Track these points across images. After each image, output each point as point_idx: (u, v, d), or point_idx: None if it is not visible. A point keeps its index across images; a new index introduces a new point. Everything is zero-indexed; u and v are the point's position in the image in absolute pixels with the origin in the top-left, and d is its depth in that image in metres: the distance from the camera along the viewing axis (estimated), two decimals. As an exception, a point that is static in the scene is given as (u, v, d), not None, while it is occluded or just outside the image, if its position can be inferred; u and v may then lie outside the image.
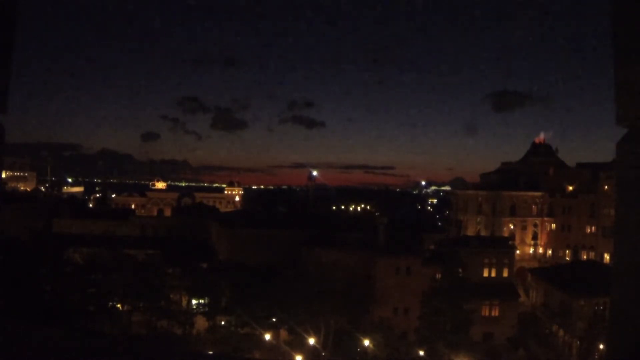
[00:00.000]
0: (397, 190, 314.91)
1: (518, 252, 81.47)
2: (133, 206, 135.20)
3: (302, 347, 52.36)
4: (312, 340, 52.41)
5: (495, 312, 64.58)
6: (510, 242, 78.82)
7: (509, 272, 69.72)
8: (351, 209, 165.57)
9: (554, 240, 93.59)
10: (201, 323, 56.38)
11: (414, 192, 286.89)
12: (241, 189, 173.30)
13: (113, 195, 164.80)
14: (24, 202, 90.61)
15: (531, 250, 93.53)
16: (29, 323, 2.75)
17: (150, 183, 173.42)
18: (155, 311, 55.08)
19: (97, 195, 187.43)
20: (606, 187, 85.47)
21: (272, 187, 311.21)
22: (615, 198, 2.13)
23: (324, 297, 51.48)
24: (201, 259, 62.41)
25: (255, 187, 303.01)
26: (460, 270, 60.20)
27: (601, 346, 51.17)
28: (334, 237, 66.73)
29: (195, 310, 57.58)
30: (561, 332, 57.63)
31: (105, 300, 54.61)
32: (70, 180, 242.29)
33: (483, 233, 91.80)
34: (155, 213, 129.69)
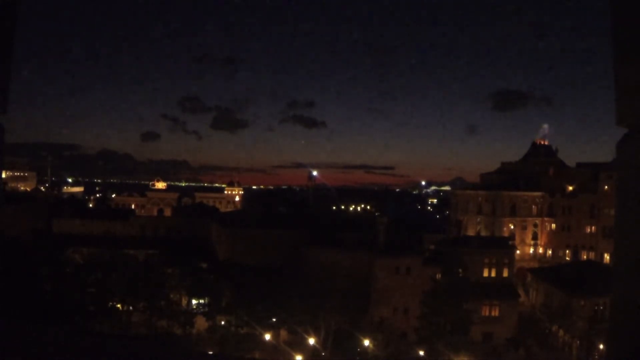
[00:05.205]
0: (397, 190, 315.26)
1: (518, 252, 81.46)
2: (133, 206, 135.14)
3: (302, 347, 52.37)
4: (312, 340, 52.42)
5: (495, 312, 64.56)
6: (510, 242, 78.82)
7: (509, 272, 69.72)
8: (351, 209, 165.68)
9: (554, 240, 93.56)
10: (201, 323, 56.36)
11: (414, 192, 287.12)
12: (241, 189, 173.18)
13: (113, 195, 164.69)
14: (24, 202, 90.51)
15: (531, 250, 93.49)
16: (29, 323, 2.75)
17: (150, 183, 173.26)
18: (155, 311, 55.09)
19: (97, 195, 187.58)
20: (606, 187, 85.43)
21: (272, 187, 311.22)
22: (615, 198, 2.13)
23: (324, 297, 51.50)
24: (201, 259, 62.41)
25: (255, 187, 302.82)
26: (460, 270, 60.24)
27: (601, 346, 51.16)
28: (334, 237, 66.72)
29: (195, 310, 57.58)
30: (561, 332, 57.62)
31: (105, 300, 54.61)
32: (70, 180, 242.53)
33: (483, 233, 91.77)
34: (155, 213, 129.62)
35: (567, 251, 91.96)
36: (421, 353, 55.06)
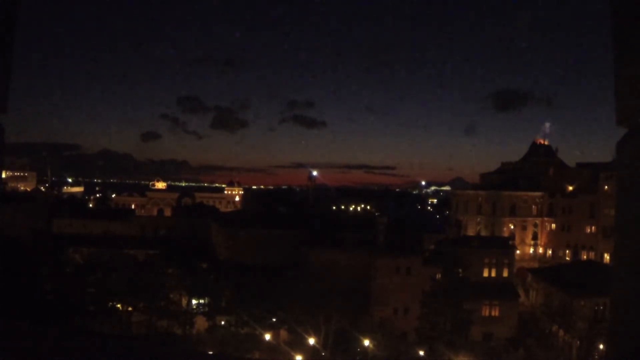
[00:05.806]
0: (397, 190, 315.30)
1: (518, 252, 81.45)
2: (133, 206, 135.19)
3: (302, 347, 52.33)
4: (312, 340, 52.38)
5: (495, 312, 64.55)
6: (510, 242, 78.79)
7: (509, 272, 69.70)
8: (351, 209, 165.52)
9: (554, 240, 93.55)
10: (201, 323, 56.35)
11: (414, 192, 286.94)
12: (241, 189, 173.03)
13: (113, 195, 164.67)
14: (24, 202, 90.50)
15: (531, 250, 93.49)
16: (29, 323, 2.75)
17: (150, 183, 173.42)
18: (155, 311, 55.06)
19: (97, 195, 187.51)
20: (606, 187, 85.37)
21: (272, 187, 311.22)
22: (615, 198, 2.12)
23: (324, 297, 51.45)
24: (201, 259, 62.40)
25: (255, 187, 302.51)
26: (460, 270, 60.19)
27: (601, 346, 51.15)
28: (334, 237, 66.72)
29: (195, 310, 57.57)
30: (561, 332, 57.60)
31: (105, 300, 54.61)
32: (70, 180, 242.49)
33: (483, 233, 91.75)
34: (155, 213, 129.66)
35: (567, 251, 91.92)
36: (421, 353, 55.04)
